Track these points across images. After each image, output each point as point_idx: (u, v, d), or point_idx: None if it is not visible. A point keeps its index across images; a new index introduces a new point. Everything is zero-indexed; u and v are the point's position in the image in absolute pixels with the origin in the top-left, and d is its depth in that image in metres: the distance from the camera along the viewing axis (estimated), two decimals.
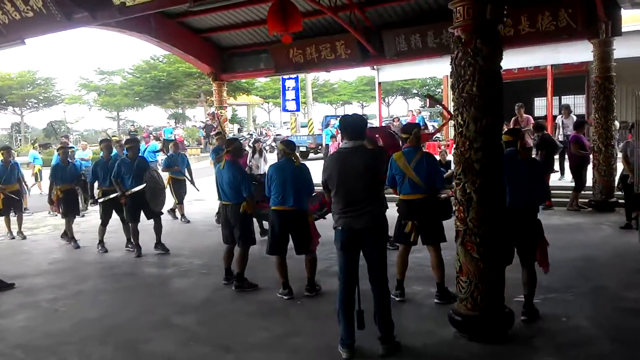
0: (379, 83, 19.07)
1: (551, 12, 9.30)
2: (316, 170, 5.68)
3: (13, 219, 9.64)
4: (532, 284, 4.77)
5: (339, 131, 4.51)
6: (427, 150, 6.03)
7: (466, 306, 4.30)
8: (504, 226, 4.31)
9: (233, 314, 5.30)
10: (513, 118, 12.35)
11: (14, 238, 9.47)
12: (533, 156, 6.92)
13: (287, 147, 5.71)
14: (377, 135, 7.35)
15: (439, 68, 17.73)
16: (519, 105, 12.41)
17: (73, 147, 9.93)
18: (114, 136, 15.28)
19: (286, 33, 9.03)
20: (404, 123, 20.43)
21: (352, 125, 4.21)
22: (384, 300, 4.22)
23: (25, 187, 10.83)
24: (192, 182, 10.70)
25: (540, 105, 21.65)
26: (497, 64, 4.38)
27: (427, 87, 50.36)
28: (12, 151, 10.08)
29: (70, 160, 9.06)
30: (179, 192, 10.54)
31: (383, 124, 18.31)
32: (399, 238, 5.31)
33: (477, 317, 4.26)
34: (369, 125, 9.97)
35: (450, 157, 12.12)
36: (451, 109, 4.60)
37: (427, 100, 43.69)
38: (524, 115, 12.51)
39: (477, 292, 4.23)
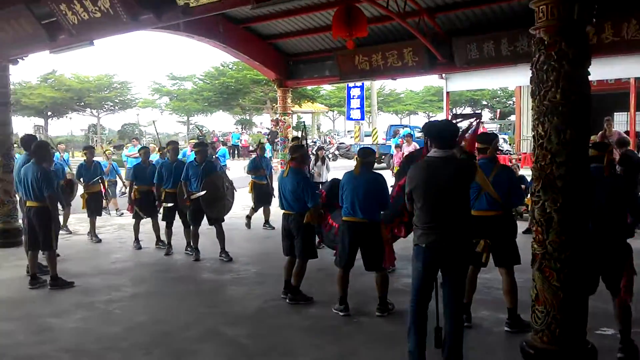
0: (447, 93, 18.48)
1: (638, 20, 8.58)
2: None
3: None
4: (626, 316, 4.21)
5: (427, 138, 4.12)
6: (503, 163, 5.57)
7: (542, 339, 3.84)
8: (588, 251, 3.83)
9: (285, 328, 5.07)
10: (600, 132, 11.50)
11: (99, 241, 9.35)
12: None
13: (363, 155, 5.34)
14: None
15: (511, 78, 17.03)
16: (608, 119, 11.51)
17: (147, 148, 10.00)
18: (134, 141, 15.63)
19: (351, 38, 8.84)
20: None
21: (442, 132, 3.88)
22: (458, 328, 3.86)
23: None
24: (271, 188, 10.19)
25: (621, 121, 20.31)
26: (585, 69, 3.90)
27: (497, 99, 48.87)
28: (94, 150, 10.26)
29: (150, 161, 9.16)
30: (258, 197, 10.32)
31: None
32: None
33: (554, 352, 3.79)
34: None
35: (522, 172, 11.50)
36: (527, 120, 4.23)
37: (498, 112, 42.41)
38: (613, 129, 11.63)
39: (555, 324, 3.76)
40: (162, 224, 8.45)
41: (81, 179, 9.43)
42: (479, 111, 28.24)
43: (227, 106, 38.80)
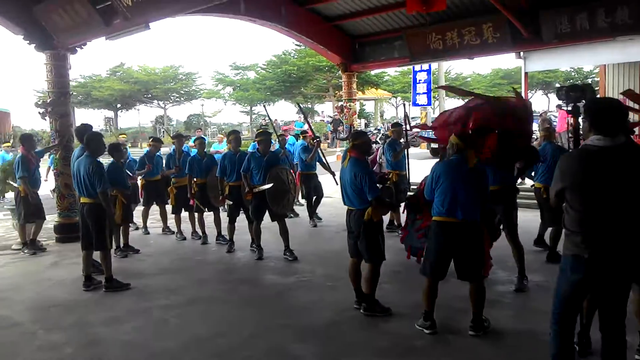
0: (526, 73, 17.01)
1: None
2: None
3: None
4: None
5: (587, 121, 3.17)
6: None
7: None
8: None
9: (360, 348, 4.33)
10: None
11: (184, 238, 8.85)
12: None
13: (463, 140, 4.44)
14: None
15: (601, 56, 15.38)
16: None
17: (204, 139, 9.52)
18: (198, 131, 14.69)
19: (427, 12, 7.94)
20: (552, 119, 18.22)
21: (609, 113, 3.01)
22: (620, 354, 3.06)
23: None
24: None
25: None
26: None
27: (571, 80, 45.93)
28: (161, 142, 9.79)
29: (206, 152, 8.76)
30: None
31: None
32: None
33: None
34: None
35: None
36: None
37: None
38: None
39: None
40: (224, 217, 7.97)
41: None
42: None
43: (289, 95, 38.32)
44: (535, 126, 14.21)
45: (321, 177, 9.76)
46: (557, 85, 46.84)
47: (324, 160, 9.19)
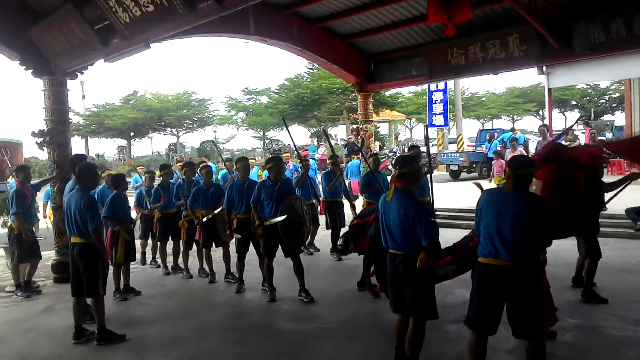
0: (549, 90, 16.22)
1: None
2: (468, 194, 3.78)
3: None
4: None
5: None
6: None
7: None
8: None
9: None
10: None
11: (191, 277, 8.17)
12: None
13: (516, 166, 3.66)
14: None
15: (629, 70, 14.61)
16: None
17: (212, 167, 8.88)
18: (179, 161, 13.70)
19: (451, 23, 7.26)
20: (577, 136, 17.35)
21: None
22: None
23: None
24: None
25: None
26: None
27: (587, 98, 44.95)
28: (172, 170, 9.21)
29: (214, 182, 8.10)
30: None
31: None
32: None
33: None
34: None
35: None
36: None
37: (591, 112, 38.75)
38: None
39: None
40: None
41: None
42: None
43: (302, 119, 37.83)
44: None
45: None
46: (573, 102, 46.04)
47: (346, 188, 8.49)
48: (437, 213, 6.42)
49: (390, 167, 17.14)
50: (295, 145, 9.14)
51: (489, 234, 3.56)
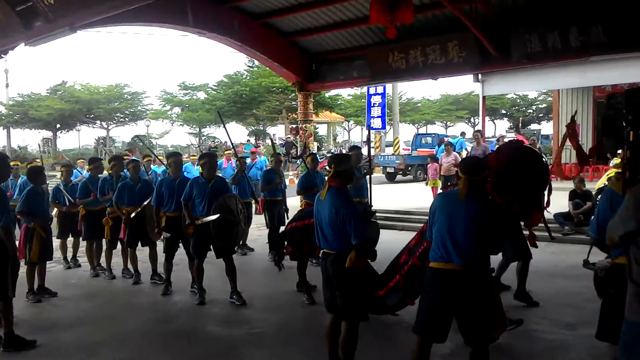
0: (484, 97, 16.68)
1: None
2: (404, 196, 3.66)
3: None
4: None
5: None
6: None
7: None
8: None
9: None
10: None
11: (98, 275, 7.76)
12: None
13: (470, 172, 3.49)
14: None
15: (560, 80, 15.24)
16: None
17: (137, 160, 8.39)
18: (126, 154, 12.89)
19: (392, 25, 7.19)
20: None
21: None
22: None
23: None
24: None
25: None
26: None
27: (516, 107, 46.95)
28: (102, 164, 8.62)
29: (141, 177, 7.59)
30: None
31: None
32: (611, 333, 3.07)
33: None
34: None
35: (589, 186, 9.72)
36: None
37: (520, 121, 40.46)
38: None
39: None
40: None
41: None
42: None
43: (240, 116, 37.17)
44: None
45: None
46: (503, 111, 47.92)
47: (251, 187, 8.36)
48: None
49: (327, 167, 17.00)
50: (232, 142, 8.78)
51: (441, 238, 3.44)
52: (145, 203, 7.02)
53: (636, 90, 2.60)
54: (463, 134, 23.39)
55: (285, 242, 6.12)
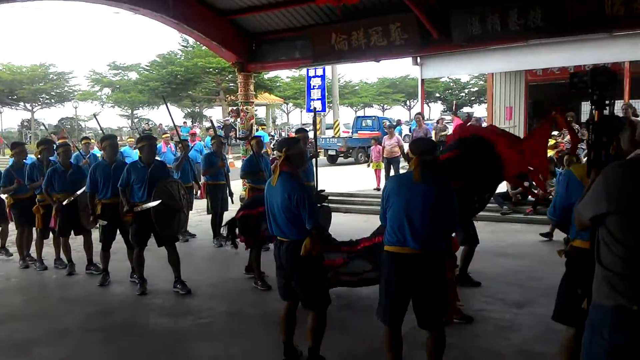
0: (422, 80, 16.91)
1: None
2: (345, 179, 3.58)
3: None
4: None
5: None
6: None
7: None
8: None
9: None
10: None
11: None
12: None
13: (421, 152, 3.39)
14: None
15: (492, 64, 15.69)
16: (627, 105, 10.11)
17: (68, 144, 7.87)
18: (61, 137, 12.08)
19: (339, 4, 7.09)
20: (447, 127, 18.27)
21: None
22: None
23: None
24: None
25: (587, 111, 19.28)
26: None
27: (449, 91, 48.22)
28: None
29: (73, 162, 7.14)
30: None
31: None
32: (568, 316, 3.11)
33: None
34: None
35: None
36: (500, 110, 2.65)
37: (454, 105, 41.57)
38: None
39: None
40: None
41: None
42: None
43: (176, 98, 36.02)
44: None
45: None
46: (437, 94, 49.07)
47: (194, 171, 8.16)
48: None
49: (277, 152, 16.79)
50: (175, 126, 8.43)
51: (397, 222, 3.35)
52: (78, 192, 6.57)
53: (602, 69, 2.57)
54: (419, 114, 23.73)
55: (237, 230, 5.83)
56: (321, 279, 3.83)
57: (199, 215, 9.83)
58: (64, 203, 6.59)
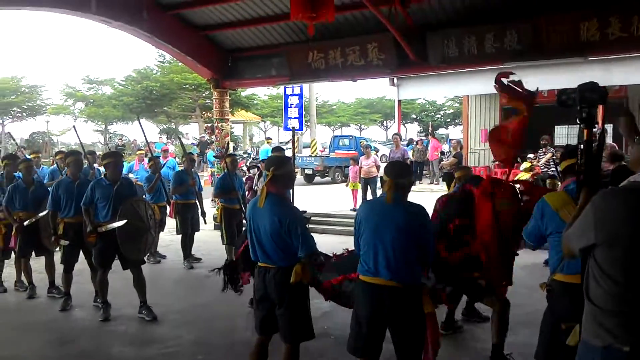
0: (399, 101, 16.95)
1: None
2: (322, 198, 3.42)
3: None
4: None
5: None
6: None
7: None
8: None
9: None
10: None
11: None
12: None
13: (395, 175, 3.23)
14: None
15: (469, 86, 15.79)
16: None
17: (30, 160, 7.55)
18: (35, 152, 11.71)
19: (313, 22, 6.96)
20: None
21: None
22: None
23: None
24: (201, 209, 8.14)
25: (562, 135, 19.47)
26: None
27: (425, 113, 48.71)
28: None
29: (35, 179, 6.82)
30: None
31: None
32: (553, 356, 2.96)
33: None
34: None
35: None
36: (475, 132, 2.55)
37: (430, 126, 41.99)
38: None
39: None
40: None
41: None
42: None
43: (151, 113, 35.60)
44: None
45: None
46: (413, 115, 49.48)
47: (165, 191, 7.89)
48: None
49: (244, 168, 16.56)
50: (148, 143, 8.23)
51: (369, 250, 3.17)
52: (41, 215, 6.26)
53: (590, 85, 2.47)
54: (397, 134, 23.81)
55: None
56: (308, 310, 3.58)
57: (170, 235, 9.53)
58: (25, 224, 6.28)
